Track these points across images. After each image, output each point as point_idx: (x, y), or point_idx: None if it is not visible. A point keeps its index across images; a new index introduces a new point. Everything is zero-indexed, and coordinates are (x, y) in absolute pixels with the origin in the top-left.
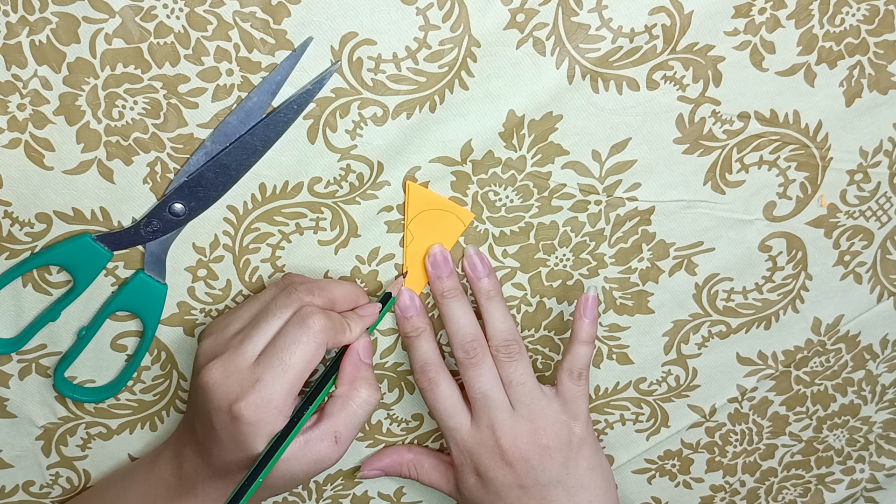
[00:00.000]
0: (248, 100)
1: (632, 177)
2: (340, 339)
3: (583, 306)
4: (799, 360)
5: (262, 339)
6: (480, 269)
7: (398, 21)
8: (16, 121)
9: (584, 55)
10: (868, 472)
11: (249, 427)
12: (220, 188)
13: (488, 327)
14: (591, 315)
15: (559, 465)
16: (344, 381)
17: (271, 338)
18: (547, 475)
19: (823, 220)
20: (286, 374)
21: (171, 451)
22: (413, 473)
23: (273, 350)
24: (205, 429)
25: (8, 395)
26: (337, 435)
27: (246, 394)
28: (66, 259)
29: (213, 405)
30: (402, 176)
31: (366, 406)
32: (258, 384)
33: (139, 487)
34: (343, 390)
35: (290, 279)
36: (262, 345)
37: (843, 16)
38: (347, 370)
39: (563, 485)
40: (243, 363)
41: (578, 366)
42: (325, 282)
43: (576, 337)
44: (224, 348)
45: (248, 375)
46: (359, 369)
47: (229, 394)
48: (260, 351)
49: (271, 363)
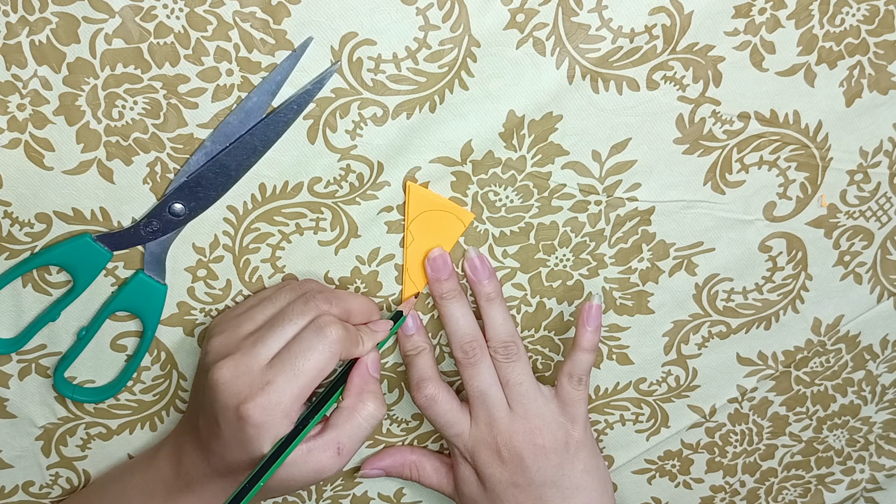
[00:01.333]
0: (248, 100)
1: (632, 177)
2: (353, 351)
3: (586, 314)
4: (799, 360)
5: (276, 343)
6: (481, 272)
7: (398, 21)
8: (16, 121)
9: (584, 55)
10: (868, 472)
11: (255, 428)
12: (220, 188)
13: (488, 329)
14: (594, 324)
15: (554, 465)
16: (351, 392)
17: (286, 343)
18: (542, 475)
19: (823, 221)
20: (298, 379)
21: (171, 447)
22: (414, 475)
23: (287, 355)
24: (209, 426)
25: (8, 396)
26: (340, 446)
27: (255, 395)
28: (66, 259)
29: (220, 403)
30: (403, 176)
31: (371, 419)
32: (268, 386)
33: (138, 483)
34: (350, 402)
35: (308, 286)
36: (276, 349)
37: (843, 16)
38: (355, 382)
39: (557, 486)
40: (255, 365)
41: (579, 371)
42: (343, 293)
43: (577, 344)
44: (236, 348)
45: (259, 377)
46: (367, 382)
47: (238, 393)
48: (273, 354)
49: (284, 367)
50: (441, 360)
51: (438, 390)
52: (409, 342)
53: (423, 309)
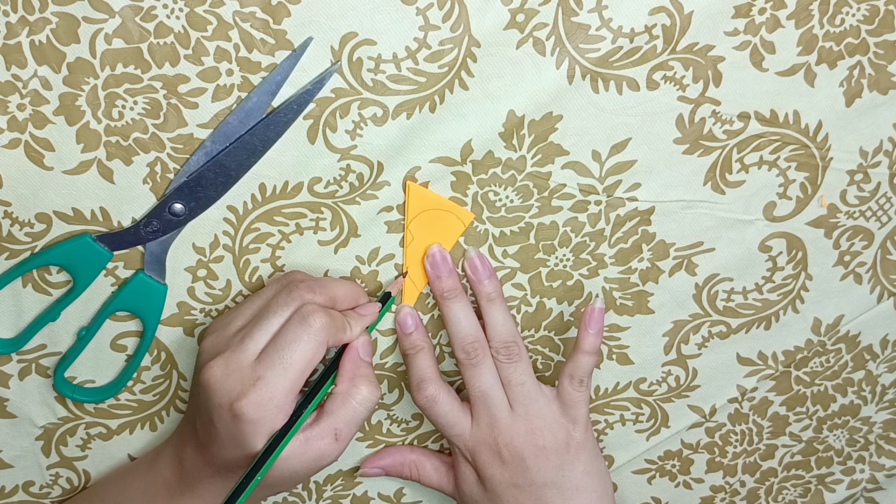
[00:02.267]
0: (248, 100)
1: (632, 177)
2: (341, 337)
3: (588, 317)
4: (799, 360)
5: (263, 336)
6: (481, 272)
7: (398, 21)
8: (16, 121)
9: (584, 55)
10: (868, 472)
11: (250, 425)
12: (220, 188)
13: (489, 329)
14: (597, 327)
15: (555, 466)
16: (344, 378)
17: (272, 335)
18: (542, 476)
19: (823, 221)
20: (287, 372)
21: (172, 449)
22: (415, 474)
23: (274, 348)
24: (205, 427)
25: (8, 396)
26: (337, 432)
27: (247, 392)
28: (66, 259)
29: (213, 403)
30: (402, 176)
31: (366, 403)
32: (259, 382)
33: (139, 485)
34: (343, 388)
35: (292, 276)
36: (264, 342)
37: (843, 16)
38: (347, 367)
39: (558, 487)
40: (244, 361)
41: (580, 373)
42: (326, 280)
43: (579, 347)
44: (226, 346)
45: (250, 373)
46: (358, 367)
47: (230, 392)
48: (261, 349)
49: (272, 361)
50: (441, 360)
51: (439, 391)
52: (407, 340)
53: (423, 309)
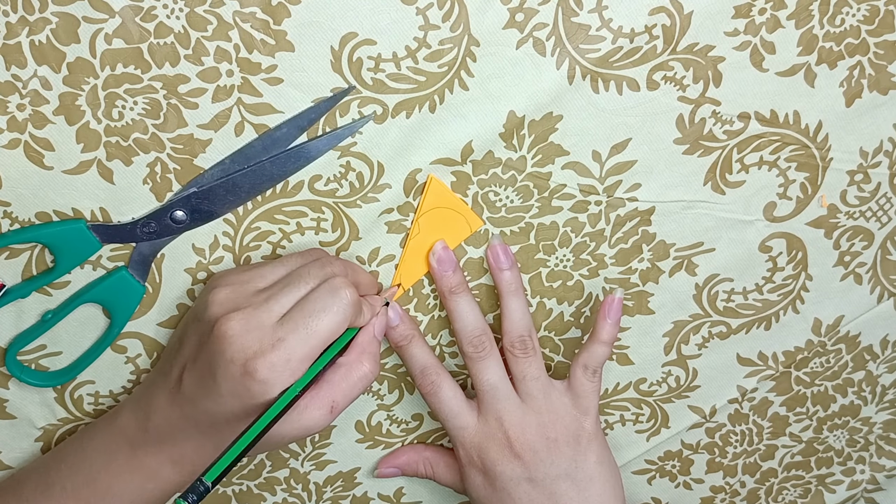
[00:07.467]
0: (279, 129)
1: (632, 177)
2: (358, 320)
3: (607, 307)
4: (799, 360)
5: (289, 301)
6: (503, 261)
7: (398, 21)
8: (15, 121)
9: (585, 55)
10: (868, 472)
11: (260, 385)
12: (226, 206)
13: (506, 320)
14: (615, 317)
15: (568, 458)
16: (354, 349)
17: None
18: (556, 468)
19: (823, 221)
20: (310, 339)
21: (135, 404)
22: (429, 472)
23: (300, 314)
24: (201, 379)
25: (7, 397)
26: (334, 404)
27: (265, 352)
28: (54, 240)
29: (225, 356)
30: (403, 178)
31: (364, 380)
32: (280, 343)
33: (98, 445)
34: (350, 359)
35: (320, 253)
36: (288, 307)
37: (843, 16)
38: (361, 340)
39: (571, 478)
40: (267, 321)
41: (594, 363)
42: (355, 264)
43: (596, 336)
44: (246, 302)
45: (270, 333)
46: (370, 343)
47: (246, 348)
48: (285, 312)
49: (296, 325)
50: (441, 360)
51: (441, 376)
52: (395, 332)
53: (423, 310)
